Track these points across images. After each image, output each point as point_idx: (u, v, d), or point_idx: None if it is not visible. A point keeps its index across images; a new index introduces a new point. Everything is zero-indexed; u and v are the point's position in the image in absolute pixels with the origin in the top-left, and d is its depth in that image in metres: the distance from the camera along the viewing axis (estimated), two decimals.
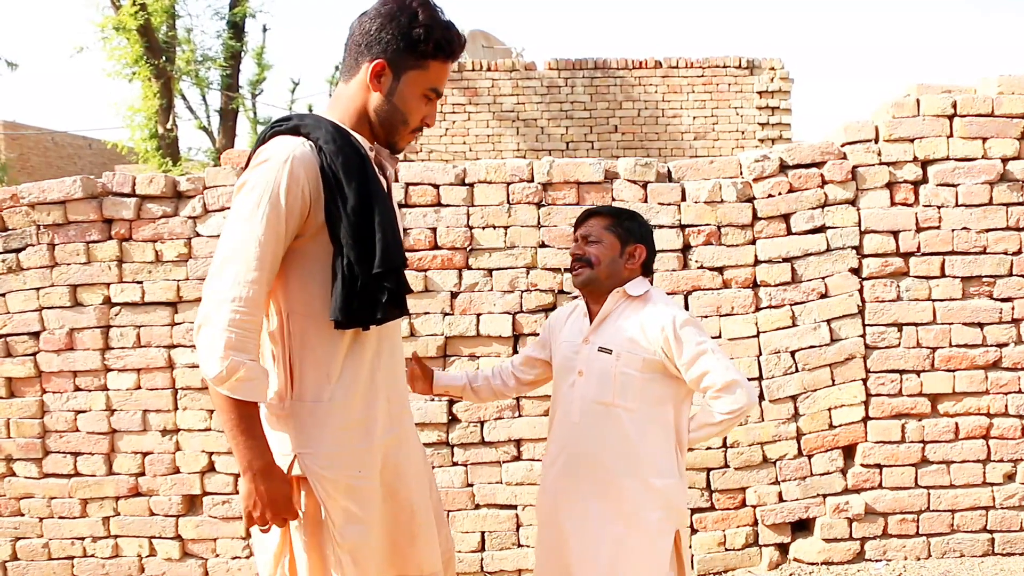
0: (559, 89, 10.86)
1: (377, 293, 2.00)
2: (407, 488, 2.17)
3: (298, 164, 1.93)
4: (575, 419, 2.51)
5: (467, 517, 4.06)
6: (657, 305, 2.53)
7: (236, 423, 1.92)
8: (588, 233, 2.60)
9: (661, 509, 2.47)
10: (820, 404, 4.01)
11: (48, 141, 22.61)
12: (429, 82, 2.08)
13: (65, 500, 4.07)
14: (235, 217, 1.95)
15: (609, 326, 2.54)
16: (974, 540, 4.04)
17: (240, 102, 17.20)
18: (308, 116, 2.06)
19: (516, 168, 4.05)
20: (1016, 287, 4.00)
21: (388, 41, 2.01)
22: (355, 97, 2.08)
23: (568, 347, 2.60)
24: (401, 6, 2.02)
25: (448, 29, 2.05)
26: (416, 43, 2.01)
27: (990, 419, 4.03)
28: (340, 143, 1.98)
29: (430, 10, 2.03)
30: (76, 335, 4.02)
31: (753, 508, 4.05)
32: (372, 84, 2.04)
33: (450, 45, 2.06)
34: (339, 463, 2.02)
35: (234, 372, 1.86)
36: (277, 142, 1.99)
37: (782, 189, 4.01)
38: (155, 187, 4.00)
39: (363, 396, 2.07)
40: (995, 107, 3.98)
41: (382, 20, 2.01)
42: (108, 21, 13.63)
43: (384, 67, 2.03)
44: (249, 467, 1.93)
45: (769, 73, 10.68)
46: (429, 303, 4.02)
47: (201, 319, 1.91)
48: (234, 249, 1.91)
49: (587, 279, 2.55)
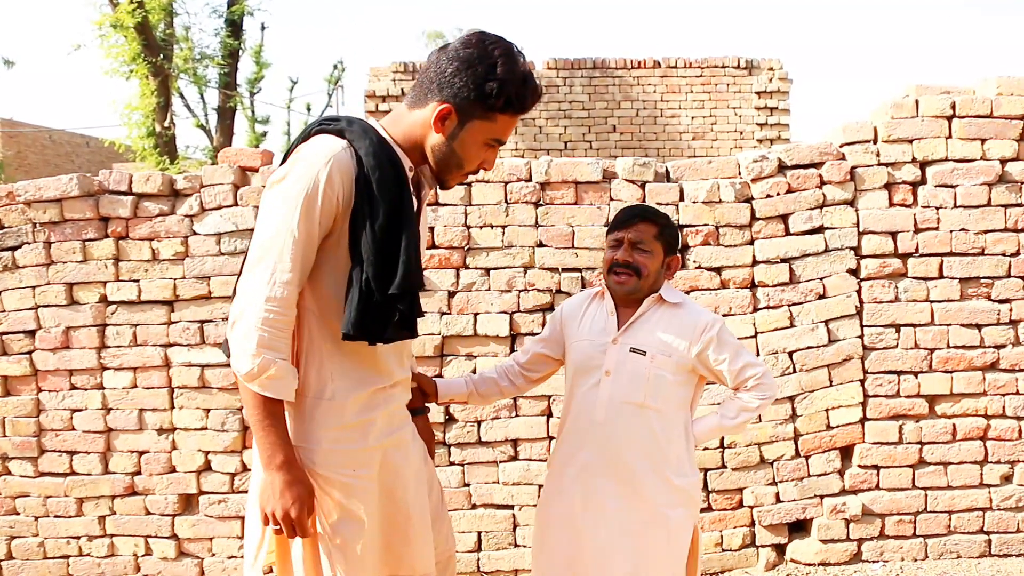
0: (557, 89, 10.86)
1: (390, 313, 2.01)
2: (404, 490, 2.16)
3: (336, 169, 1.94)
4: (599, 418, 2.50)
5: (464, 517, 4.05)
6: (694, 310, 2.60)
7: (262, 418, 1.95)
8: (639, 240, 2.55)
9: (683, 506, 2.53)
10: (818, 405, 4.01)
11: (45, 139, 22.61)
12: (494, 133, 2.07)
13: (61, 499, 4.05)
14: (272, 212, 1.96)
15: (641, 328, 2.54)
16: (971, 541, 4.04)
17: (238, 100, 17.20)
18: (357, 123, 2.05)
19: (514, 167, 4.04)
20: (1014, 288, 4.00)
21: (460, 88, 1.99)
22: (416, 127, 2.07)
23: (591, 346, 2.57)
24: (482, 54, 1.99)
25: (524, 84, 2.02)
26: (487, 96, 1.99)
27: (987, 420, 4.02)
28: (381, 158, 1.98)
29: (509, 64, 2.00)
30: (72, 333, 4.00)
31: (750, 509, 4.05)
32: (436, 126, 2.03)
33: (522, 102, 2.04)
34: (334, 461, 2.04)
35: (265, 370, 1.91)
36: (321, 141, 2.00)
37: (780, 189, 4.01)
38: (152, 185, 3.98)
39: (363, 397, 2.08)
40: (994, 108, 3.98)
41: (459, 64, 1.99)
42: (106, 19, 13.64)
43: (451, 112, 2.01)
44: (271, 461, 1.95)
45: (768, 73, 10.69)
46: (426, 302, 4.01)
47: (235, 315, 1.95)
48: (270, 246, 1.94)
49: (633, 288, 2.54)
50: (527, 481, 4.01)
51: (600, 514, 2.49)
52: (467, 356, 4.03)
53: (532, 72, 2.07)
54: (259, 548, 2.09)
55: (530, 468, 4.01)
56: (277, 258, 1.92)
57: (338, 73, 25.70)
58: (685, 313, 2.56)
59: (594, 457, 2.51)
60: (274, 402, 1.95)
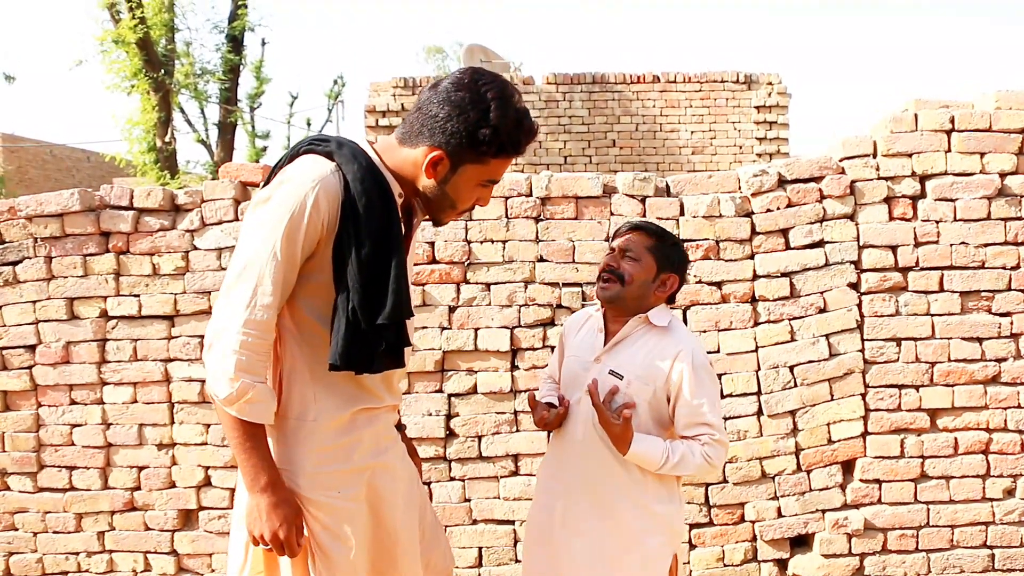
0: (557, 104, 10.88)
1: (376, 344, 2.00)
2: (391, 511, 2.15)
3: (322, 192, 1.91)
4: (579, 437, 2.49)
5: (464, 532, 4.04)
6: (678, 336, 2.51)
7: (242, 442, 1.93)
8: (628, 248, 2.52)
9: (662, 534, 2.49)
10: (819, 419, 4.00)
11: (46, 154, 22.65)
12: (487, 175, 2.06)
13: (60, 514, 4.04)
14: (255, 232, 1.94)
15: (624, 350, 2.50)
16: (974, 556, 4.02)
17: (239, 115, 17.24)
18: (347, 145, 2.02)
19: (514, 182, 4.05)
20: (1015, 302, 3.99)
21: (452, 133, 1.96)
22: (407, 165, 2.05)
23: (577, 363, 2.56)
24: (474, 99, 1.95)
25: (518, 127, 1.99)
26: (480, 143, 1.96)
27: (989, 434, 4.01)
28: (368, 184, 1.95)
29: (502, 109, 1.95)
30: (72, 348, 4.00)
31: (752, 523, 4.04)
32: (428, 172, 2.01)
33: (516, 145, 2.01)
34: (319, 482, 2.03)
35: (244, 394, 1.88)
36: (308, 162, 1.97)
37: (780, 204, 4.01)
38: (153, 200, 3.99)
39: (347, 418, 2.07)
40: (993, 122, 3.99)
41: (450, 109, 1.95)
42: (107, 34, 13.69)
43: (443, 158, 1.99)
44: (255, 483, 1.94)
45: (767, 88, 10.72)
46: (427, 317, 4.01)
47: (212, 337, 1.92)
48: (251, 265, 1.91)
49: (614, 295, 2.50)
50: (528, 496, 3.99)
51: (576, 534, 2.47)
52: (468, 371, 4.03)
53: (526, 111, 2.03)
54: (241, 570, 2.09)
55: (531, 483, 4.00)
56: (258, 280, 1.90)
57: (338, 88, 25.77)
58: (669, 339, 2.50)
59: (574, 476, 2.49)
60: (254, 425, 1.93)
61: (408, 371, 3.97)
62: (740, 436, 4.00)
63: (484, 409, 4.03)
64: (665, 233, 2.60)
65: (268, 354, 1.96)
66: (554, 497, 2.53)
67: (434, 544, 2.36)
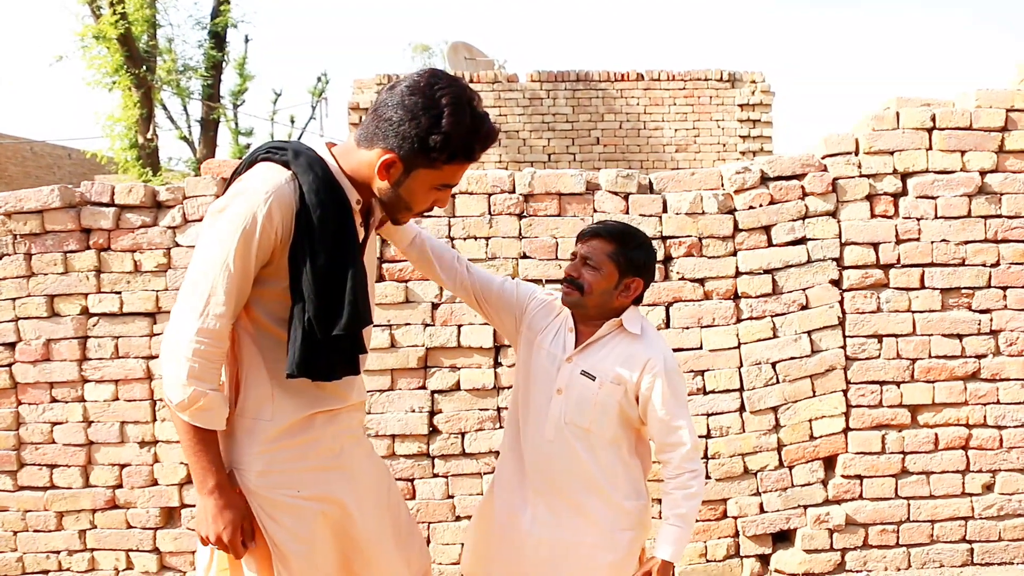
0: (541, 101, 10.88)
1: (333, 354, 2.02)
2: (359, 513, 2.16)
3: (276, 204, 1.92)
4: (550, 437, 2.47)
5: (448, 529, 4.04)
6: (650, 344, 2.50)
7: (193, 446, 1.97)
8: (589, 255, 2.48)
9: (632, 529, 2.51)
10: (801, 415, 4.02)
11: (26, 150, 22.45)
12: (441, 180, 2.04)
13: (40, 513, 4.01)
14: (209, 243, 1.95)
15: (596, 352, 2.49)
16: (953, 550, 4.05)
17: (221, 112, 17.15)
18: (304, 154, 2.01)
19: (497, 179, 4.05)
20: (994, 299, 4.03)
21: (404, 138, 1.95)
22: (363, 167, 2.04)
23: (548, 359, 2.52)
24: (427, 104, 1.93)
25: (472, 134, 1.97)
26: (431, 149, 1.94)
27: (969, 430, 4.05)
28: (324, 196, 1.95)
29: (456, 115, 1.93)
30: (53, 346, 3.97)
31: (734, 519, 4.05)
32: (380, 174, 2.00)
33: (469, 152, 1.99)
34: (275, 482, 2.04)
35: (195, 401, 1.92)
36: (264, 171, 1.97)
37: (763, 201, 4.03)
38: (134, 197, 3.97)
39: (302, 420, 2.08)
40: (973, 120, 4.02)
41: (403, 113, 1.94)
42: (88, 30, 13.58)
43: (395, 161, 1.98)
44: (203, 486, 1.98)
45: (750, 86, 10.75)
46: (410, 314, 4.01)
47: (166, 344, 1.95)
48: (205, 275, 1.93)
49: (575, 303, 2.48)
50: None
51: (546, 533, 2.46)
52: (451, 368, 4.03)
53: (484, 116, 2.00)
54: (208, 570, 2.12)
55: None
56: (211, 290, 1.92)
57: (322, 85, 25.66)
58: (640, 345, 2.48)
59: (542, 476, 2.48)
60: (205, 429, 1.97)
61: (391, 367, 3.98)
62: (723, 432, 4.02)
63: (467, 406, 4.03)
64: (628, 236, 2.55)
65: (220, 361, 1.99)
66: (520, 496, 2.51)
67: (410, 542, 2.36)
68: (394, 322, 3.99)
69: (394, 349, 3.99)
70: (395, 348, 4.00)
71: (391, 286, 3.98)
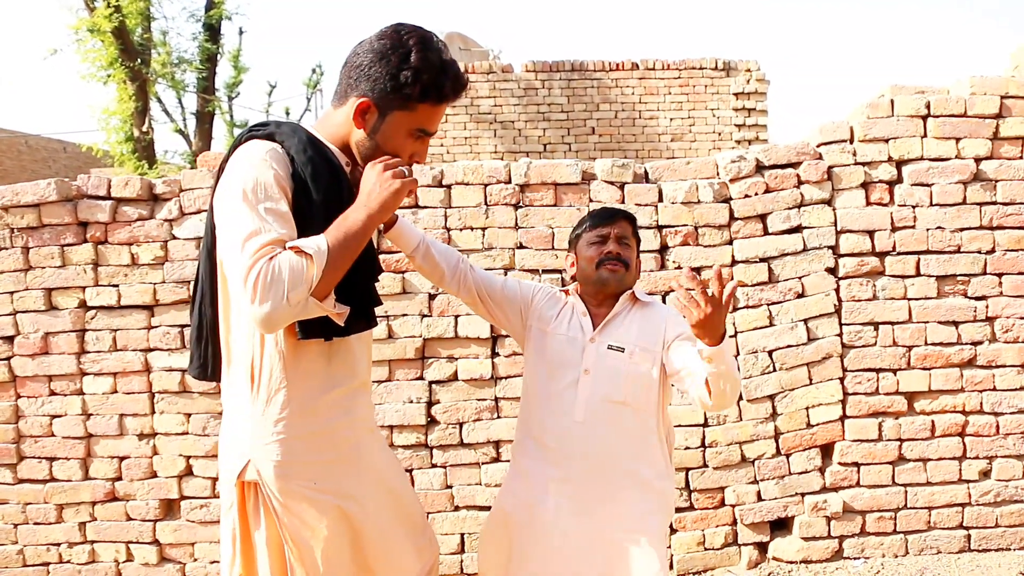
0: (536, 91, 10.87)
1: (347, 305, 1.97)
2: (376, 503, 2.15)
3: (276, 162, 1.90)
4: (579, 418, 2.48)
5: (446, 519, 4.05)
6: (659, 305, 2.65)
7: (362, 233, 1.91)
8: (624, 235, 2.61)
9: (661, 512, 2.52)
10: (798, 403, 4.04)
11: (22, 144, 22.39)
12: (416, 123, 2.03)
13: (40, 506, 4.03)
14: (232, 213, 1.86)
15: (616, 327, 2.55)
16: (951, 537, 4.07)
17: (216, 105, 17.09)
18: (285, 124, 2.03)
19: (493, 169, 4.05)
20: (990, 286, 4.04)
21: (376, 79, 1.96)
22: (341, 125, 2.04)
23: (568, 343, 2.54)
24: (395, 44, 1.96)
25: (442, 73, 1.98)
26: (403, 85, 1.95)
27: (965, 416, 4.06)
28: (311, 154, 1.95)
29: (424, 52, 1.96)
30: (51, 339, 3.98)
31: (732, 507, 4.07)
32: (356, 121, 2.00)
33: (440, 90, 1.99)
34: (292, 472, 2.01)
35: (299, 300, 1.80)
36: (252, 145, 1.97)
37: (758, 189, 4.03)
38: (131, 190, 3.97)
39: (321, 408, 2.06)
40: (968, 107, 4.02)
41: (372, 56, 1.96)
42: (82, 23, 13.51)
43: (369, 106, 1.98)
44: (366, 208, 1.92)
45: (745, 75, 10.74)
46: (407, 305, 4.01)
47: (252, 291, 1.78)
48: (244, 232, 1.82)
49: (621, 279, 2.57)
50: None
51: (575, 524, 2.45)
52: (448, 359, 4.04)
53: (452, 61, 2.03)
54: (232, 564, 2.09)
55: None
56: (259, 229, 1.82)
57: (317, 77, 25.57)
58: (655, 310, 2.61)
59: (572, 461, 2.47)
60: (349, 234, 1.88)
61: (389, 358, 3.99)
62: (720, 421, 4.03)
63: (465, 396, 4.04)
64: (635, 218, 2.75)
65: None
66: (541, 488, 2.50)
67: (422, 531, 2.36)
68: (391, 313, 3.99)
69: (391, 340, 4.00)
70: (392, 339, 4.00)
71: (388, 277, 3.99)
